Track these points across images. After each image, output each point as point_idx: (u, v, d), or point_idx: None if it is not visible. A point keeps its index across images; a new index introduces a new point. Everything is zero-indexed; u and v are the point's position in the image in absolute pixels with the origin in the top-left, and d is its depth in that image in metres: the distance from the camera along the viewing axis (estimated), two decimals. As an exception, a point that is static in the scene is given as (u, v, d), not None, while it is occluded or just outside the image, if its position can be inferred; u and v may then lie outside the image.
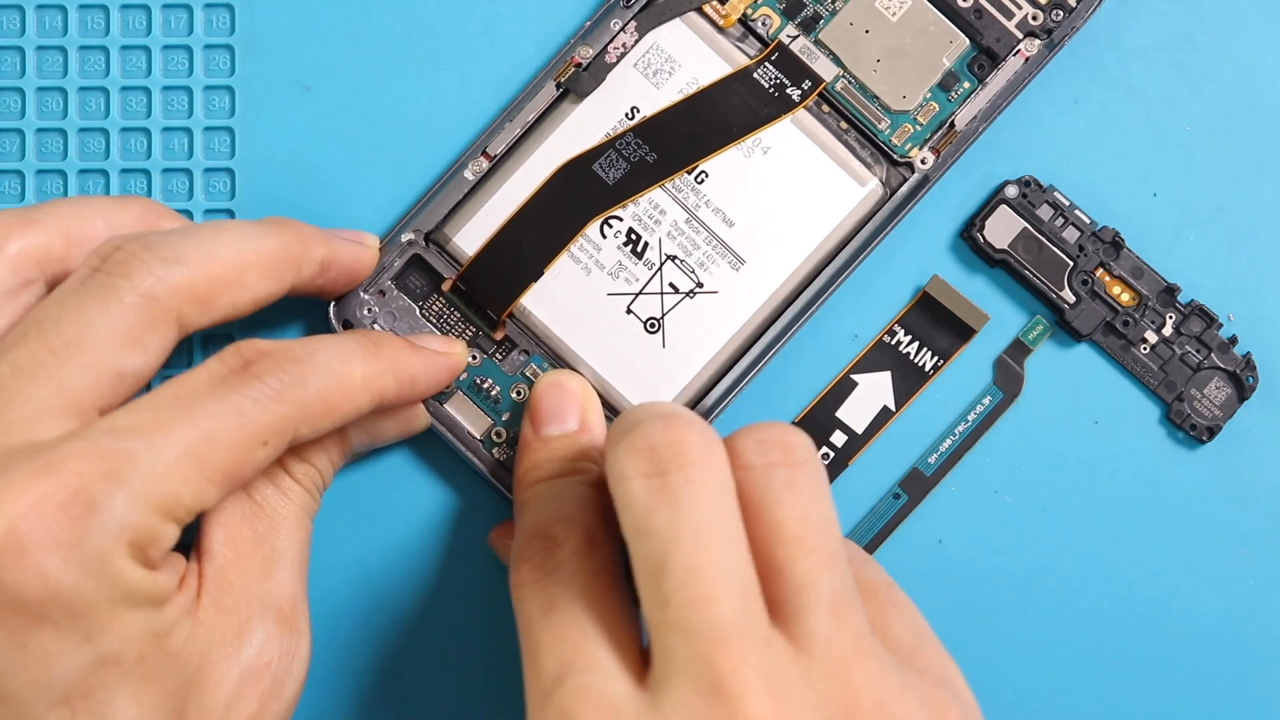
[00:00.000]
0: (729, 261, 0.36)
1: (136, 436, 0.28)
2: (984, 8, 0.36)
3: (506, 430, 0.36)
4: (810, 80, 0.36)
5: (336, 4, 0.37)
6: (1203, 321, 0.37)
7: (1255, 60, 0.38)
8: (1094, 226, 0.37)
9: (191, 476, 0.28)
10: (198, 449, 0.28)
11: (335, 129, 0.37)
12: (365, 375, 0.31)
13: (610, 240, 0.36)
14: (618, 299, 0.36)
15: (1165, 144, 0.38)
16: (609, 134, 0.36)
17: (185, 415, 0.28)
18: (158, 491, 0.27)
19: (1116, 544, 0.37)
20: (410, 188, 0.37)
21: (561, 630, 0.29)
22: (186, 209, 0.37)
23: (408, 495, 0.37)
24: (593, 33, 0.36)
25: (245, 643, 0.30)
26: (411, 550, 0.37)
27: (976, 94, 0.36)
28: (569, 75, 0.36)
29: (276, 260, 0.31)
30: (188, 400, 0.28)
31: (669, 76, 0.36)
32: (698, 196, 0.36)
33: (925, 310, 0.37)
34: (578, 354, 0.36)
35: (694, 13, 0.36)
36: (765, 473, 0.29)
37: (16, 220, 0.31)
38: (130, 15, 0.37)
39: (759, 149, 0.36)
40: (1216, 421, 0.37)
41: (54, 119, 0.37)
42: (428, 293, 0.36)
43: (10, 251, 0.30)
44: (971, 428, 0.37)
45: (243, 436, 0.29)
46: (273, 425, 0.29)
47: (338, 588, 0.36)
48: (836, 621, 0.28)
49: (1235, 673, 0.37)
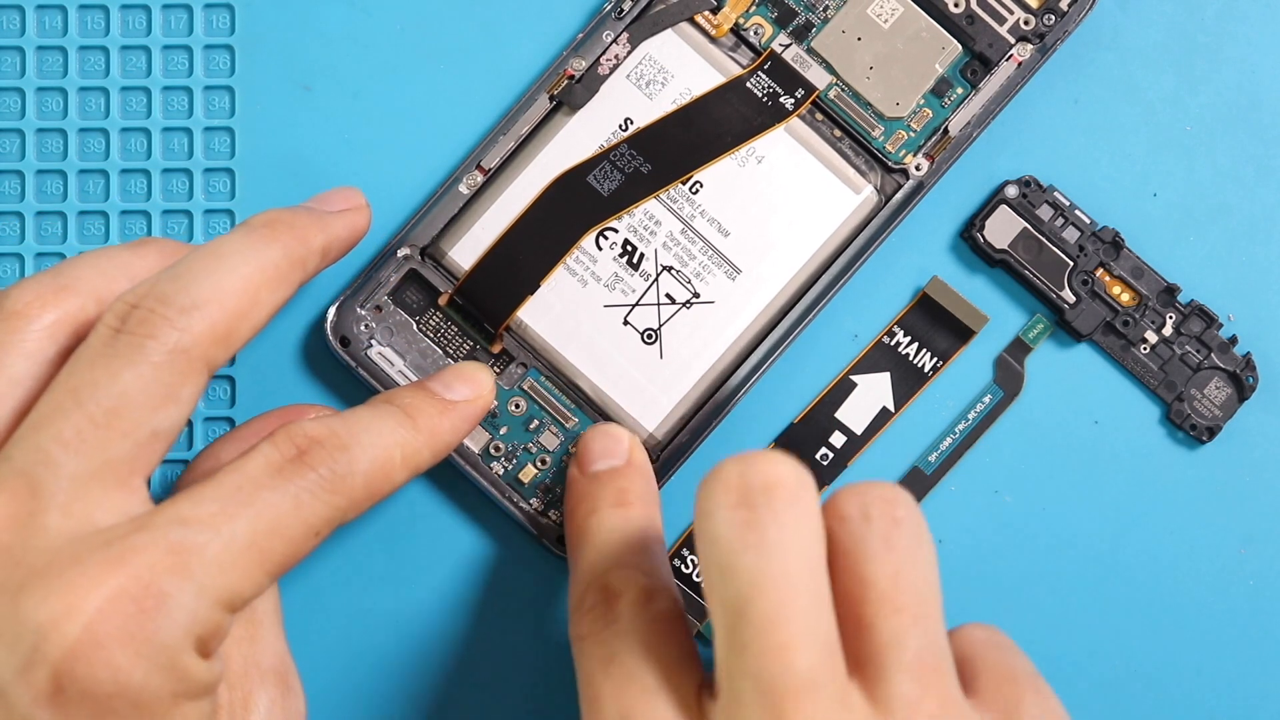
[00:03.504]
0: (725, 271, 0.36)
1: (203, 528, 0.28)
2: (976, 13, 0.36)
3: (505, 444, 0.36)
4: (803, 88, 0.36)
5: (336, 4, 0.37)
6: (1203, 321, 0.37)
7: (1255, 60, 0.38)
8: (1094, 226, 0.37)
9: (253, 569, 0.28)
10: (260, 542, 0.28)
11: (335, 129, 0.37)
12: (404, 455, 0.31)
13: (606, 252, 0.36)
14: (614, 310, 0.36)
15: (1165, 144, 0.38)
16: (603, 146, 0.36)
17: (248, 507, 0.28)
18: (222, 585, 0.27)
19: (1116, 544, 0.37)
20: (410, 188, 0.37)
21: (622, 683, 0.28)
22: (186, 209, 0.37)
23: (405, 512, 0.37)
24: (585, 44, 0.36)
25: (252, 714, 0.31)
26: (410, 554, 0.37)
27: (970, 99, 0.36)
28: (562, 88, 0.36)
29: (282, 269, 0.31)
30: (250, 491, 0.28)
31: (662, 87, 0.36)
32: (693, 207, 0.36)
33: (925, 311, 0.37)
34: (576, 366, 0.36)
35: (686, 23, 0.36)
36: (861, 526, 0.28)
37: (47, 289, 0.30)
38: (130, 15, 0.37)
39: (753, 158, 0.36)
40: (1216, 421, 0.37)
41: (54, 119, 0.37)
42: (425, 307, 0.36)
43: (47, 321, 0.30)
44: (971, 426, 0.37)
45: (301, 530, 0.29)
46: (326, 517, 0.29)
47: (329, 591, 0.36)
48: (921, 686, 0.27)
49: (1235, 672, 0.37)
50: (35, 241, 0.37)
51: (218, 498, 0.28)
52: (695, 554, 0.37)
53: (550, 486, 0.35)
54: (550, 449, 0.35)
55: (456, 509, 0.37)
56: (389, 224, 0.37)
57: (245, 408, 0.37)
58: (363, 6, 0.37)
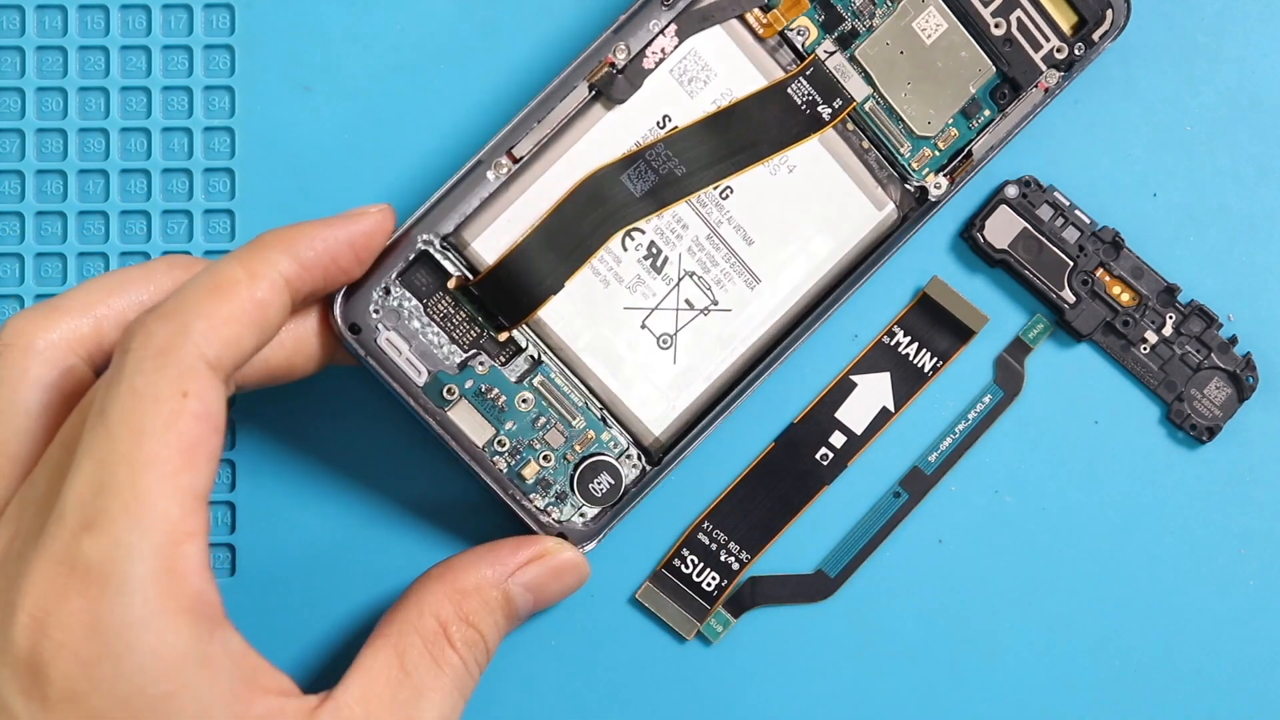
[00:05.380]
0: (745, 280, 0.35)
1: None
2: (1015, 37, 0.36)
3: (509, 440, 0.35)
4: (841, 99, 0.35)
5: (336, 4, 0.37)
6: (1203, 321, 0.37)
7: (1255, 60, 0.38)
8: (1094, 226, 0.37)
9: None
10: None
11: (335, 129, 0.37)
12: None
13: (631, 253, 0.35)
14: (634, 313, 0.35)
15: (1165, 144, 0.38)
16: (639, 142, 0.34)
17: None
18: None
19: (1116, 544, 0.37)
20: (410, 188, 0.37)
21: None
22: (186, 209, 0.37)
23: (407, 506, 0.37)
24: (626, 27, 0.34)
25: None
26: (409, 548, 0.37)
27: (995, 124, 0.36)
28: (602, 75, 0.34)
29: (250, 318, 0.30)
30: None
31: (704, 85, 0.35)
32: (721, 212, 0.35)
33: (925, 311, 0.37)
34: (589, 366, 0.35)
35: (735, 20, 0.35)
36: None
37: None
38: (130, 15, 0.37)
39: (784, 167, 0.35)
40: (1216, 421, 0.37)
41: (54, 119, 0.37)
42: (433, 290, 0.34)
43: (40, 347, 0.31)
44: (972, 426, 0.37)
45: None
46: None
47: (328, 586, 0.36)
48: None
49: (1235, 673, 0.37)
50: (35, 242, 0.37)
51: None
52: (694, 554, 0.37)
53: (551, 483, 0.35)
54: (554, 446, 0.35)
55: (458, 502, 0.37)
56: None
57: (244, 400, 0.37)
58: (363, 6, 0.37)
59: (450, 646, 0.32)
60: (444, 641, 0.32)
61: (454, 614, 0.32)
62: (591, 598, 0.37)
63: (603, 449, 0.35)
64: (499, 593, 0.33)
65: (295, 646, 0.36)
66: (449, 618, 0.32)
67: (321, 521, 0.36)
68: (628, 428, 0.35)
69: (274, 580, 0.36)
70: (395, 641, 0.31)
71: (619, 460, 0.35)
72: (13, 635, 0.27)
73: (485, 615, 0.33)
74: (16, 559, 0.28)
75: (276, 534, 0.36)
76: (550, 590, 0.34)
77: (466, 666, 0.32)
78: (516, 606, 0.33)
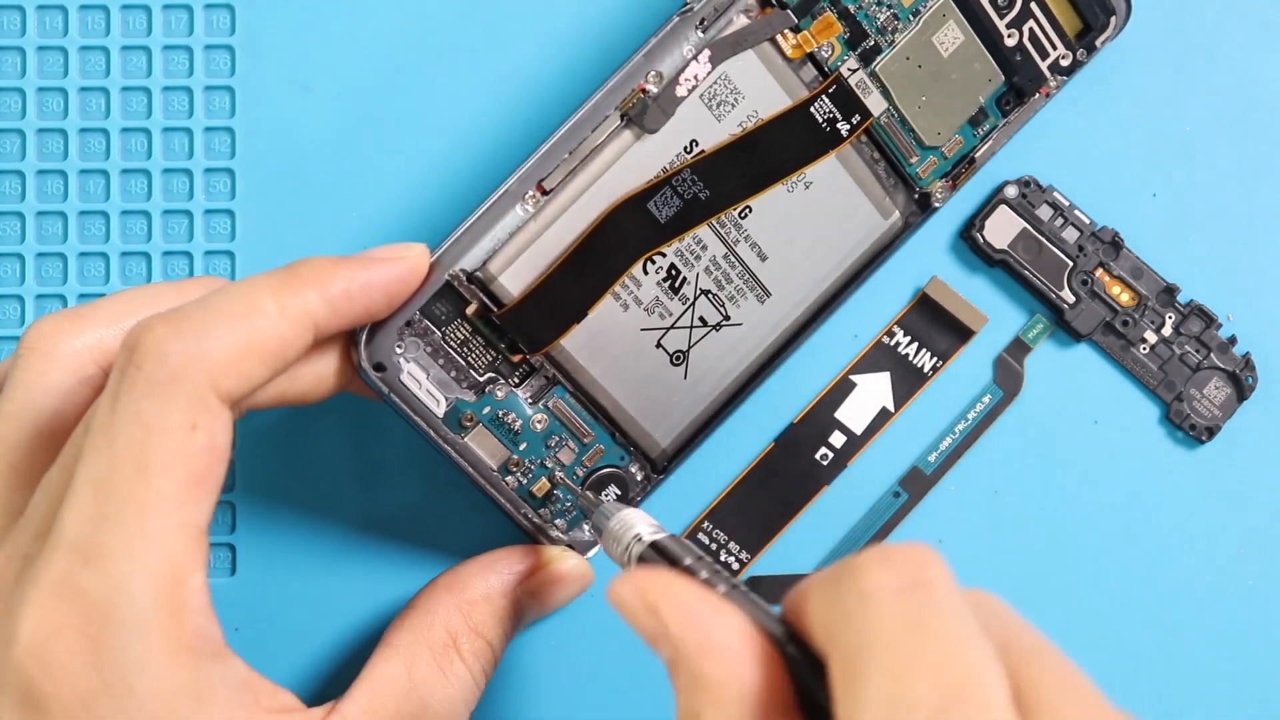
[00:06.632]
0: (757, 295, 0.35)
1: None
2: (1025, 47, 0.36)
3: (523, 460, 0.35)
4: (859, 114, 0.35)
5: (336, 4, 0.37)
6: (1202, 321, 0.37)
7: (1255, 60, 0.38)
8: (1094, 226, 0.37)
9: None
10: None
11: (335, 129, 0.37)
12: None
13: (651, 277, 0.34)
14: (650, 334, 0.35)
15: (1165, 144, 0.38)
16: (665, 169, 0.34)
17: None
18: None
19: (1116, 544, 0.37)
20: (410, 188, 0.37)
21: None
22: (187, 209, 0.37)
23: (418, 516, 0.37)
24: (656, 50, 0.33)
25: None
26: (421, 558, 0.37)
27: (998, 130, 0.36)
28: (634, 105, 0.33)
29: (272, 347, 0.29)
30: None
31: (732, 109, 0.34)
32: (739, 232, 0.35)
33: (924, 311, 0.37)
34: (603, 386, 0.35)
35: (767, 43, 0.34)
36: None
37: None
38: (130, 15, 0.37)
39: (801, 184, 0.35)
40: (1216, 421, 0.37)
41: (54, 119, 0.37)
42: (452, 318, 0.34)
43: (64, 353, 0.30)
44: (971, 426, 0.37)
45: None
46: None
47: (339, 595, 0.36)
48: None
49: (1235, 672, 0.37)
50: (35, 242, 0.37)
51: None
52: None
53: (560, 499, 0.35)
54: (565, 463, 0.35)
55: (469, 516, 0.37)
56: (387, 219, 0.37)
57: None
58: (363, 6, 0.37)
59: (459, 658, 0.32)
60: (453, 653, 0.32)
61: (463, 625, 0.32)
62: (592, 597, 0.37)
63: (612, 462, 0.35)
64: (507, 602, 0.33)
65: (296, 650, 0.36)
66: (458, 629, 0.32)
67: (322, 523, 0.36)
68: (636, 441, 0.35)
69: (274, 580, 0.36)
70: (404, 653, 0.31)
71: (626, 471, 0.35)
72: (11, 665, 0.26)
73: (494, 625, 0.33)
74: (13, 583, 0.27)
75: (277, 534, 0.36)
76: (556, 598, 0.34)
77: (474, 677, 0.32)
78: (523, 615, 0.33)
